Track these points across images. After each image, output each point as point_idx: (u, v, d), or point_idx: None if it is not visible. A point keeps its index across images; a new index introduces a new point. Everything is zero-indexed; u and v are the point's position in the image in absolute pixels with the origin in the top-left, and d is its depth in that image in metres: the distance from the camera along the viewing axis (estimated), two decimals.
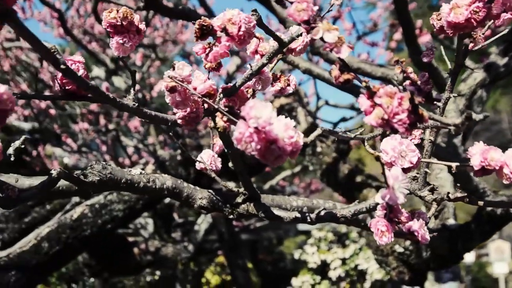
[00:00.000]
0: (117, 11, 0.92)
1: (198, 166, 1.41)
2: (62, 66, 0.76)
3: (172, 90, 0.83)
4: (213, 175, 1.39)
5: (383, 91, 0.72)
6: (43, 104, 6.30)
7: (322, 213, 1.32)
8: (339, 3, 1.00)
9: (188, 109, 0.91)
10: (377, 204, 1.30)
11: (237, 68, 4.94)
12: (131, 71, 1.02)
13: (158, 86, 5.60)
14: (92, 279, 6.03)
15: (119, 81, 5.47)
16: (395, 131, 0.75)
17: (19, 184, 1.24)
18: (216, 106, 0.81)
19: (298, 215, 1.37)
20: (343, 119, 5.08)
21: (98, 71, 6.10)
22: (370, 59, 5.38)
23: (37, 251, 3.00)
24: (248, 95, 1.09)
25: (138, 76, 5.09)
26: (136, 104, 0.94)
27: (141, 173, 1.40)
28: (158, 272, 6.62)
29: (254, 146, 0.69)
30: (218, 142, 1.45)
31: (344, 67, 0.81)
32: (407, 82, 1.11)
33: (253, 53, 1.12)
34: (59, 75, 0.97)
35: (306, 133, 3.31)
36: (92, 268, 4.76)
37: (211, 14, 2.82)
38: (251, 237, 12.03)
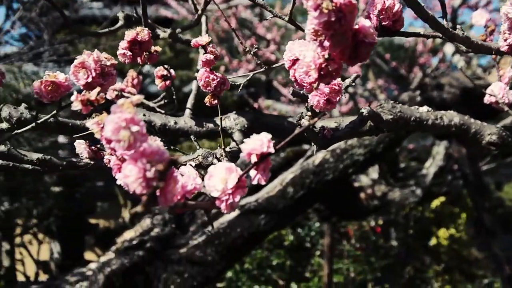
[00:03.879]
0: None
1: (487, 99, 1.33)
2: None
3: None
4: (505, 108, 1.31)
5: None
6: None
7: None
8: None
9: None
10: None
11: (463, 2, 4.63)
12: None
13: None
14: (317, 224, 6.25)
15: None
16: None
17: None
18: None
19: None
20: None
21: None
22: None
23: (283, 195, 3.16)
24: None
25: None
26: (465, 33, 0.89)
27: (428, 110, 1.37)
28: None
29: None
30: (507, 74, 1.35)
31: None
32: None
33: None
34: (376, 11, 0.95)
35: None
36: (321, 213, 4.91)
37: None
38: None
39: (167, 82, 1.31)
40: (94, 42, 7.34)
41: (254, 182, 0.72)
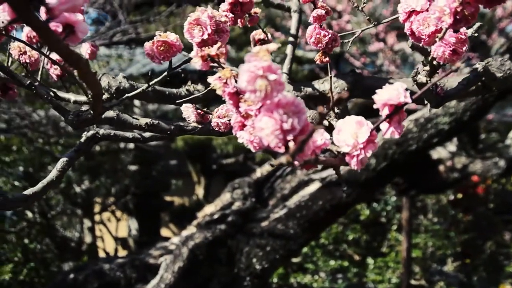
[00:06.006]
0: None
1: None
2: None
3: None
4: None
5: None
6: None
7: None
8: None
9: None
10: None
11: None
12: None
13: None
14: (394, 198, 6.14)
15: None
16: None
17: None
18: None
19: None
20: None
21: None
22: None
23: (365, 167, 3.09)
24: None
25: None
26: None
27: None
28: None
29: None
30: None
31: None
32: None
33: None
34: None
35: None
36: (399, 186, 4.81)
37: None
38: None
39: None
40: (164, 22, 7.40)
41: (387, 136, 0.69)
